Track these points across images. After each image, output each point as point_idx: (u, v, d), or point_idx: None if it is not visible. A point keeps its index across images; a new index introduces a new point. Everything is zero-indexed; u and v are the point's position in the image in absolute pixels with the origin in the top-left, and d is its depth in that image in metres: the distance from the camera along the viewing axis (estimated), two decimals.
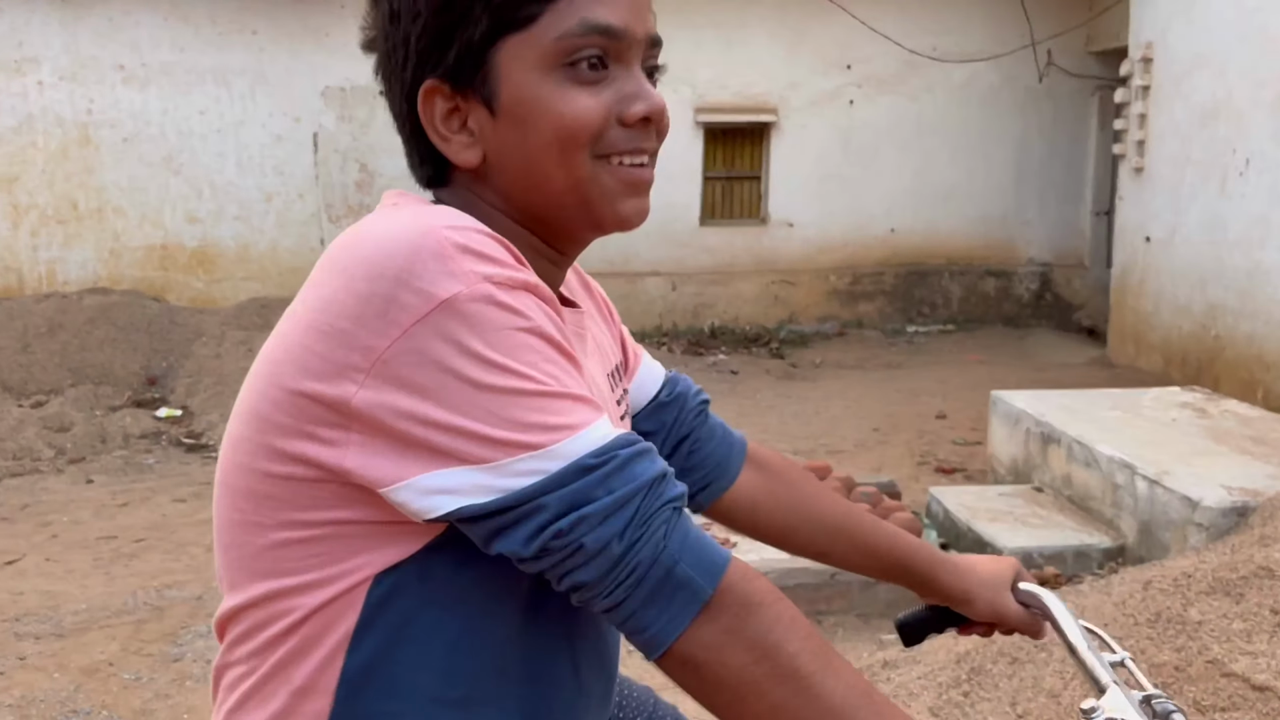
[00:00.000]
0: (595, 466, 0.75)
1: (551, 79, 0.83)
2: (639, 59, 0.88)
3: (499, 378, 0.73)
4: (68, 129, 8.71)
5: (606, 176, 0.87)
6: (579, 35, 0.83)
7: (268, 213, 9.09)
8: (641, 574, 0.76)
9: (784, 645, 0.77)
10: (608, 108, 0.85)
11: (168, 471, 6.16)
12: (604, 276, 6.67)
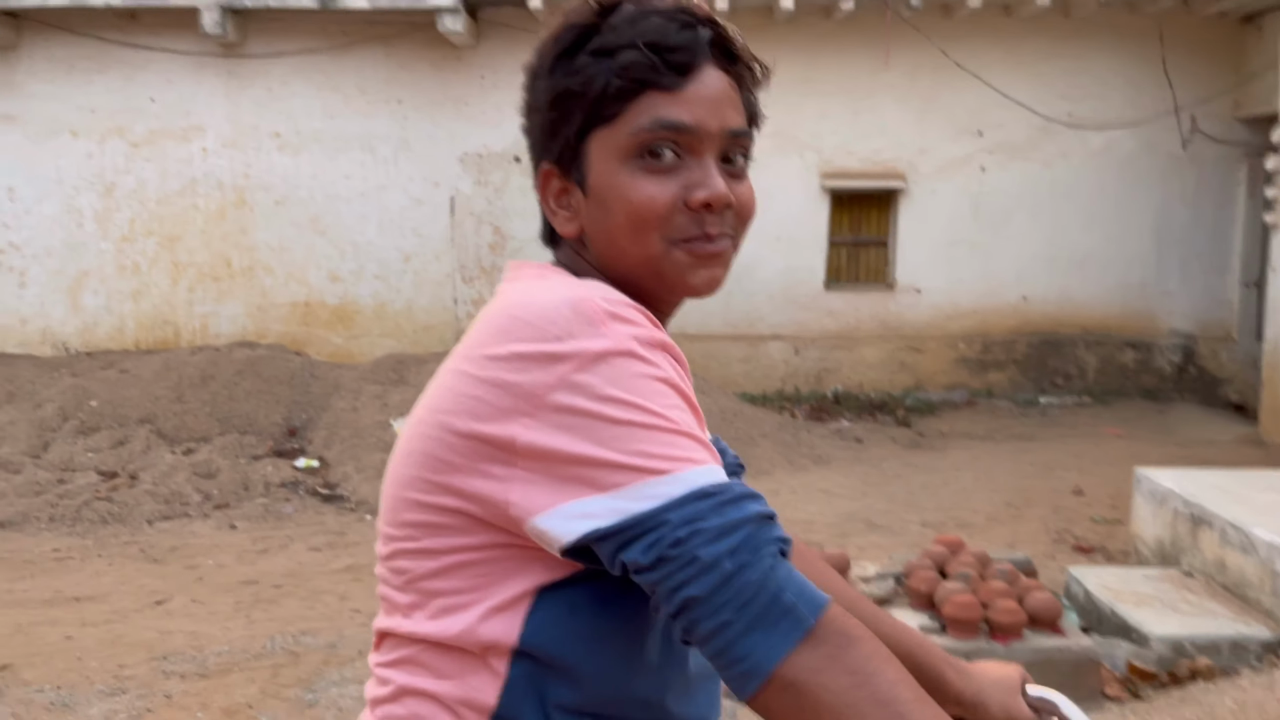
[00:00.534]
0: (712, 494, 0.84)
1: (627, 168, 0.97)
2: (713, 150, 0.98)
3: (633, 415, 0.85)
4: (226, 192, 9.27)
5: (677, 253, 0.98)
6: (650, 130, 0.95)
7: (405, 272, 9.45)
8: (749, 595, 0.83)
9: (883, 673, 0.83)
10: (674, 195, 0.97)
11: (304, 520, 6.38)
12: (726, 339, 6.79)
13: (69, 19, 8.98)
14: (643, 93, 0.96)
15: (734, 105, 1.00)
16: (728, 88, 1.00)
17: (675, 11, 0.98)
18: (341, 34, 9.17)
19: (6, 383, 8.02)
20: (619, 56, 0.95)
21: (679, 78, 0.96)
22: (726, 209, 0.99)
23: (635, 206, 0.96)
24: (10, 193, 9.23)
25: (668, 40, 0.95)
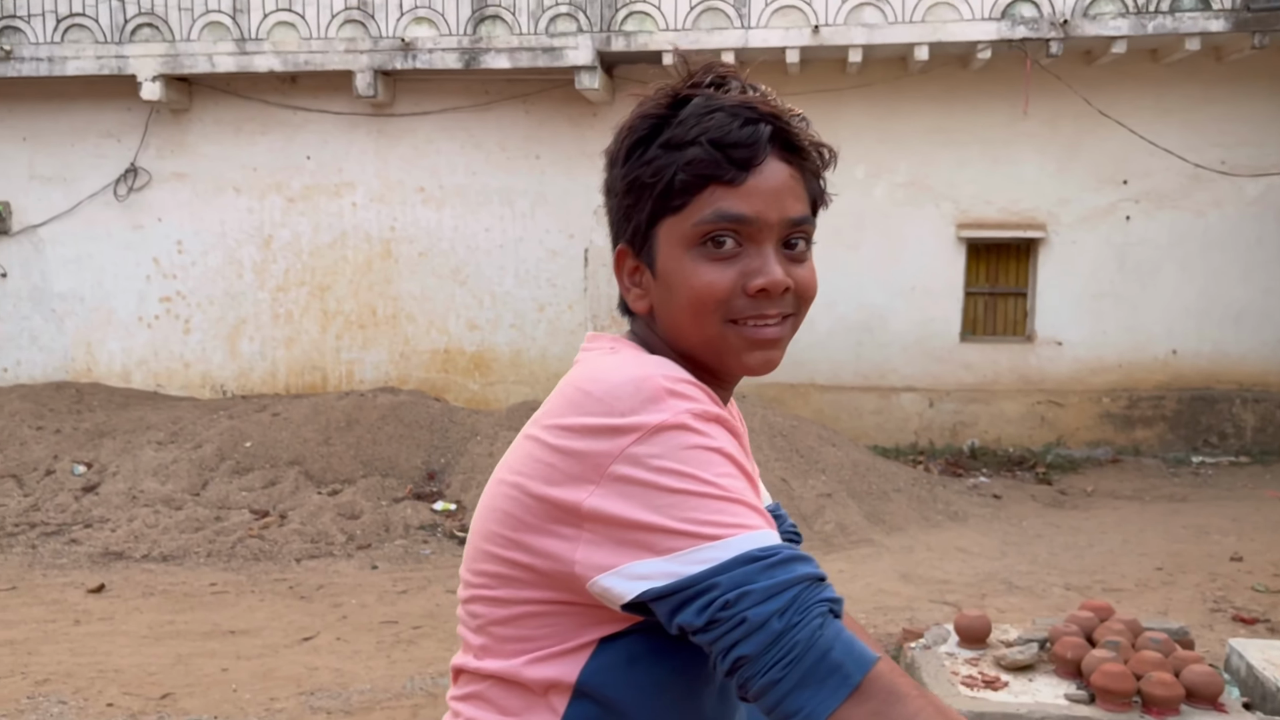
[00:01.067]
0: (761, 558, 0.91)
1: (690, 255, 1.04)
2: (772, 239, 1.04)
3: (686, 484, 0.92)
4: (373, 244, 9.72)
5: (734, 336, 1.05)
6: (712, 222, 1.02)
7: (540, 321, 9.69)
8: (799, 654, 0.89)
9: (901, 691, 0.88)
10: (733, 281, 1.03)
11: (442, 563, 6.56)
12: (857, 390, 6.68)
13: (236, 83, 9.62)
14: (706, 186, 1.02)
15: (795, 195, 1.06)
16: (789, 178, 1.05)
17: (739, 107, 1.03)
18: (484, 93, 9.55)
19: (171, 424, 8.53)
20: (686, 151, 1.02)
21: (740, 172, 1.02)
22: (785, 293, 1.05)
23: (697, 291, 1.03)
24: (179, 245, 9.88)
25: (730, 137, 1.01)
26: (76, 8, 9.32)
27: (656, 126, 1.05)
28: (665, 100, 1.06)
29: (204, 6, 9.22)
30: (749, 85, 1.09)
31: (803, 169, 1.07)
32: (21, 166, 9.97)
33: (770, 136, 1.04)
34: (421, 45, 9.06)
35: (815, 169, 1.10)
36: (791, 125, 1.06)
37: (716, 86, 1.07)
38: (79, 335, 10.04)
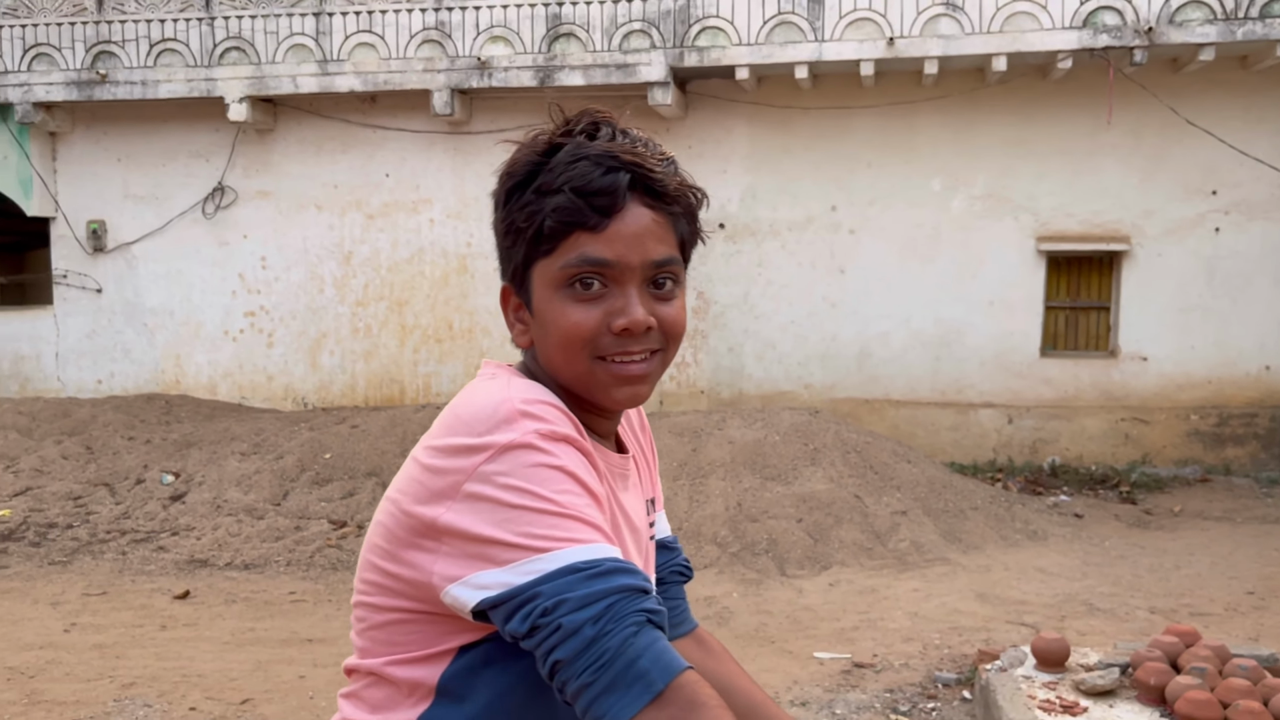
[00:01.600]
0: (583, 569, 0.96)
1: (559, 295, 1.09)
2: (635, 280, 1.09)
3: (526, 500, 0.98)
4: (449, 259, 9.88)
5: (601, 372, 1.11)
6: (576, 265, 1.08)
7: None
8: (608, 660, 0.94)
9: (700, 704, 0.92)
10: (598, 321, 1.09)
11: None
12: (933, 406, 6.58)
13: (318, 103, 9.88)
14: (572, 232, 1.07)
15: (658, 238, 1.10)
16: (651, 223, 1.09)
17: (602, 156, 1.08)
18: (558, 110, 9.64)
19: (254, 435, 8.76)
20: (553, 199, 1.07)
21: (602, 218, 1.07)
22: (648, 331, 1.10)
23: (564, 330, 1.09)
24: (263, 261, 10.17)
25: (592, 185, 1.06)
26: (169, 33, 9.67)
27: (531, 172, 1.10)
28: (541, 147, 1.11)
29: (288, 29, 9.50)
30: (621, 131, 1.13)
31: (668, 213, 1.11)
32: (116, 186, 10.36)
33: (630, 184, 1.08)
34: (497, 64, 9.20)
35: (683, 212, 1.13)
36: (654, 172, 1.10)
37: (589, 134, 1.12)
38: (168, 348, 10.38)
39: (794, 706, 4.26)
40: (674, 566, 1.37)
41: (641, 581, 0.98)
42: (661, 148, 1.14)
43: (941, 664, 4.73)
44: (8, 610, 5.80)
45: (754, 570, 6.39)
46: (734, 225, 9.58)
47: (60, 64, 9.83)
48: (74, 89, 9.83)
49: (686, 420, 8.25)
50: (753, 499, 7.06)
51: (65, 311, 10.53)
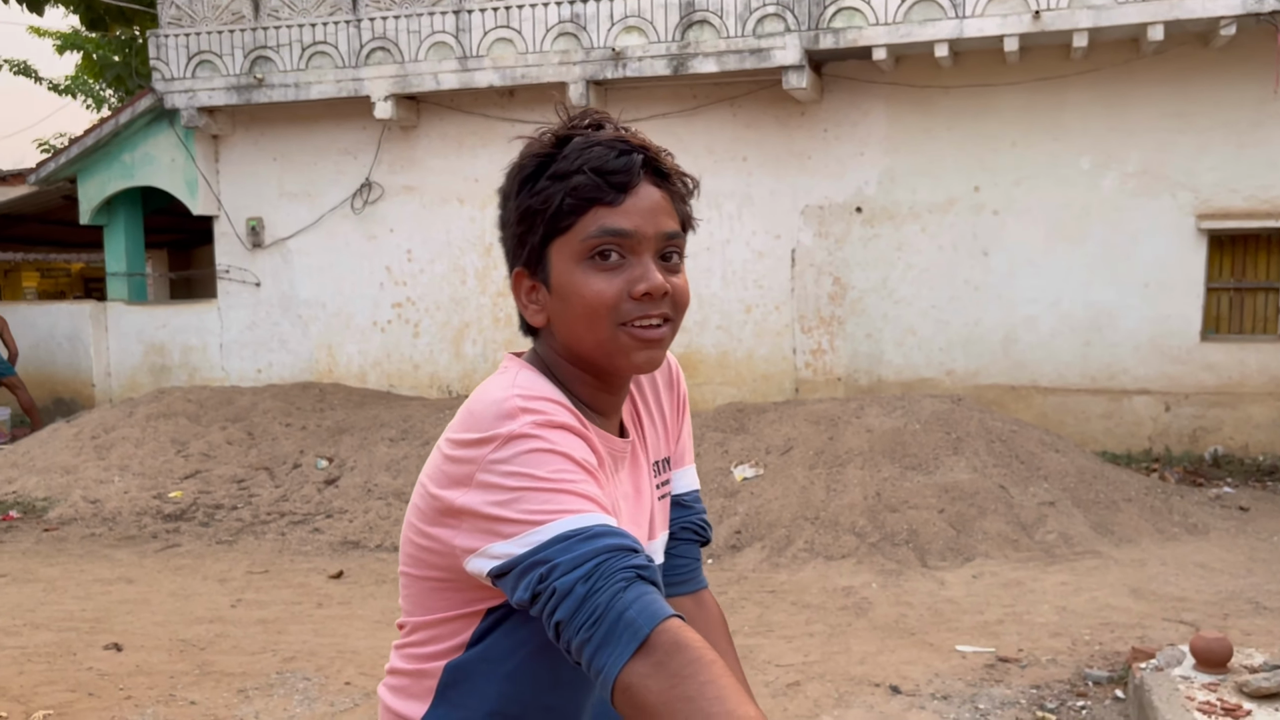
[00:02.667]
0: (573, 535, 1.06)
1: (580, 268, 1.19)
2: (650, 250, 1.20)
3: (525, 482, 1.10)
4: None
5: (624, 336, 1.21)
6: (596, 237, 1.18)
7: (746, 323, 9.71)
8: (600, 615, 1.02)
9: (697, 675, 0.97)
10: (620, 288, 1.19)
11: None
12: (1084, 393, 6.33)
13: (458, 99, 10.15)
14: (590, 208, 1.18)
15: (667, 213, 1.22)
16: (661, 199, 1.21)
17: (615, 141, 1.20)
18: (692, 97, 9.66)
19: (401, 421, 9.10)
20: (571, 180, 1.18)
21: (619, 194, 1.18)
22: (664, 296, 1.21)
23: (588, 299, 1.19)
24: (408, 254, 10.53)
25: (608, 165, 1.18)
26: (319, 36, 10.09)
27: (543, 163, 1.21)
28: (550, 141, 1.22)
29: (430, 28, 9.78)
30: (620, 126, 1.25)
31: (671, 193, 1.24)
32: (272, 184, 10.90)
33: (642, 164, 1.20)
34: (631, 54, 9.26)
35: (681, 194, 1.26)
36: (660, 156, 1.23)
37: (594, 128, 1.23)
38: (321, 339, 10.87)
39: (935, 700, 4.18)
40: (686, 523, 1.46)
41: (629, 541, 1.07)
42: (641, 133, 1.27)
43: (1092, 661, 4.56)
44: (180, 585, 6.20)
45: (893, 561, 6.29)
46: (871, 209, 9.40)
47: (221, 70, 10.38)
48: (233, 93, 10.37)
49: (823, 408, 8.16)
50: (892, 489, 6.93)
51: (228, 304, 11.14)
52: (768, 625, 5.31)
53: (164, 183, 11.04)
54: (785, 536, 6.67)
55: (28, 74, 18.35)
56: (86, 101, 19.47)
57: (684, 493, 1.47)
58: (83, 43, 16.49)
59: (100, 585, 6.20)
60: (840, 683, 4.46)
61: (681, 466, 1.47)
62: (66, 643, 5.11)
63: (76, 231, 13.10)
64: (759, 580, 6.14)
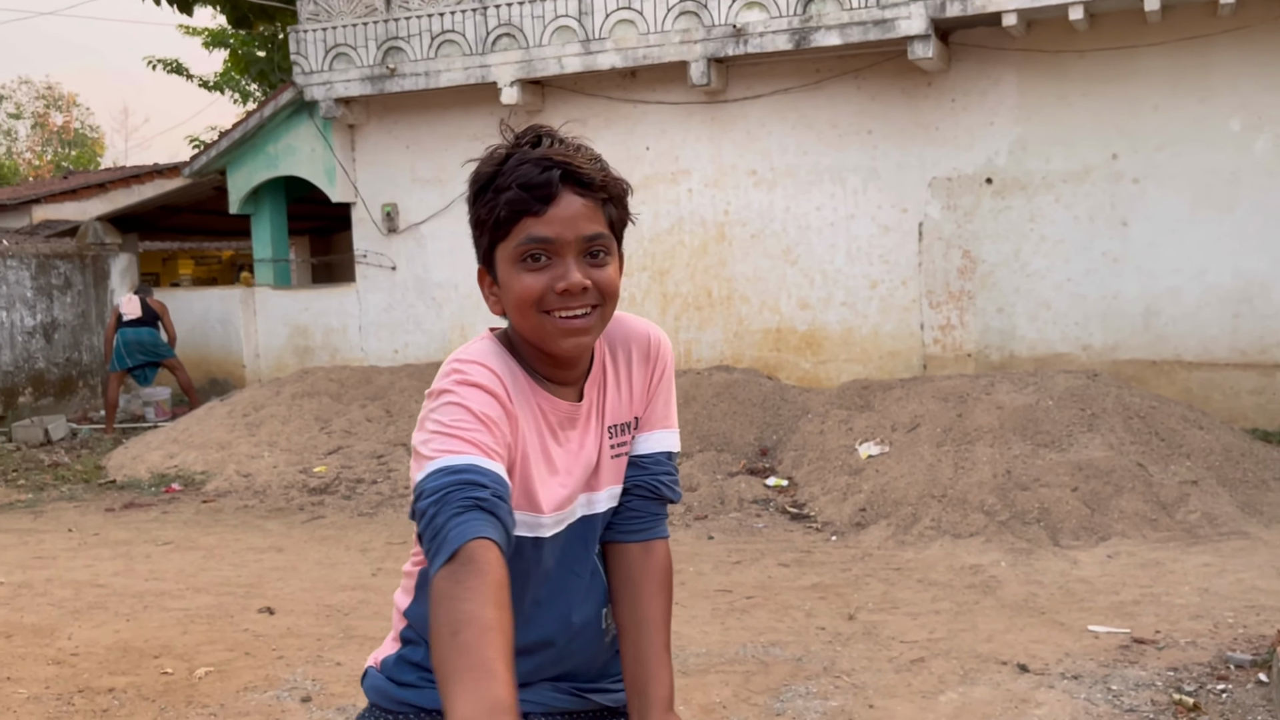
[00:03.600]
0: (443, 471, 1.31)
1: (515, 268, 1.42)
2: (572, 252, 1.41)
3: (435, 428, 1.36)
4: (708, 228, 10.06)
5: (549, 324, 1.43)
6: (524, 244, 1.41)
7: (871, 299, 9.58)
8: (435, 532, 1.26)
9: (464, 582, 1.21)
10: (545, 284, 1.41)
11: (774, 536, 6.73)
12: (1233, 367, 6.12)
13: (581, 82, 10.29)
14: (521, 219, 1.40)
15: (588, 218, 1.42)
16: (583, 207, 1.41)
17: (540, 159, 1.40)
18: (814, 71, 9.56)
19: None
20: (506, 195, 1.40)
21: (543, 205, 1.39)
22: (583, 292, 1.41)
23: (518, 294, 1.43)
24: None
25: (533, 180, 1.39)
26: (448, 25, 10.38)
27: (490, 178, 1.43)
28: (498, 158, 1.44)
29: (553, 12, 9.94)
30: (558, 140, 1.44)
31: (595, 199, 1.43)
32: (405, 171, 11.28)
33: (562, 178, 1.40)
34: (752, 30, 9.22)
35: (610, 198, 1.45)
36: (582, 168, 1.41)
37: (532, 145, 1.43)
38: (454, 319, 11.22)
39: (1065, 679, 4.11)
40: (639, 481, 1.62)
41: (481, 478, 1.30)
42: (592, 151, 1.46)
43: (1235, 644, 4.39)
44: (325, 555, 6.55)
45: (1024, 540, 6.16)
46: (1002, 180, 9.13)
47: (356, 62, 10.79)
48: (368, 84, 10.76)
49: (951, 384, 8.02)
50: (1023, 466, 6.78)
51: (366, 288, 11.61)
52: (892, 602, 5.28)
53: (305, 172, 11.56)
54: (911, 514, 6.60)
55: (180, 71, 19.41)
56: (234, 96, 20.48)
57: (643, 454, 1.62)
58: (229, 40, 17.33)
59: (253, 553, 6.60)
60: (966, 660, 4.42)
61: (649, 430, 1.63)
62: (224, 606, 5.48)
63: (226, 220, 13.83)
64: (884, 558, 6.10)
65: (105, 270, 13.48)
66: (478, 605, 1.18)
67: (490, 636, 1.16)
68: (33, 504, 8.55)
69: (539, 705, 1.57)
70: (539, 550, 1.51)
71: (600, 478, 1.57)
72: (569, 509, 1.54)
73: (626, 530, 1.61)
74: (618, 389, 1.60)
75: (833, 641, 4.74)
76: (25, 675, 4.55)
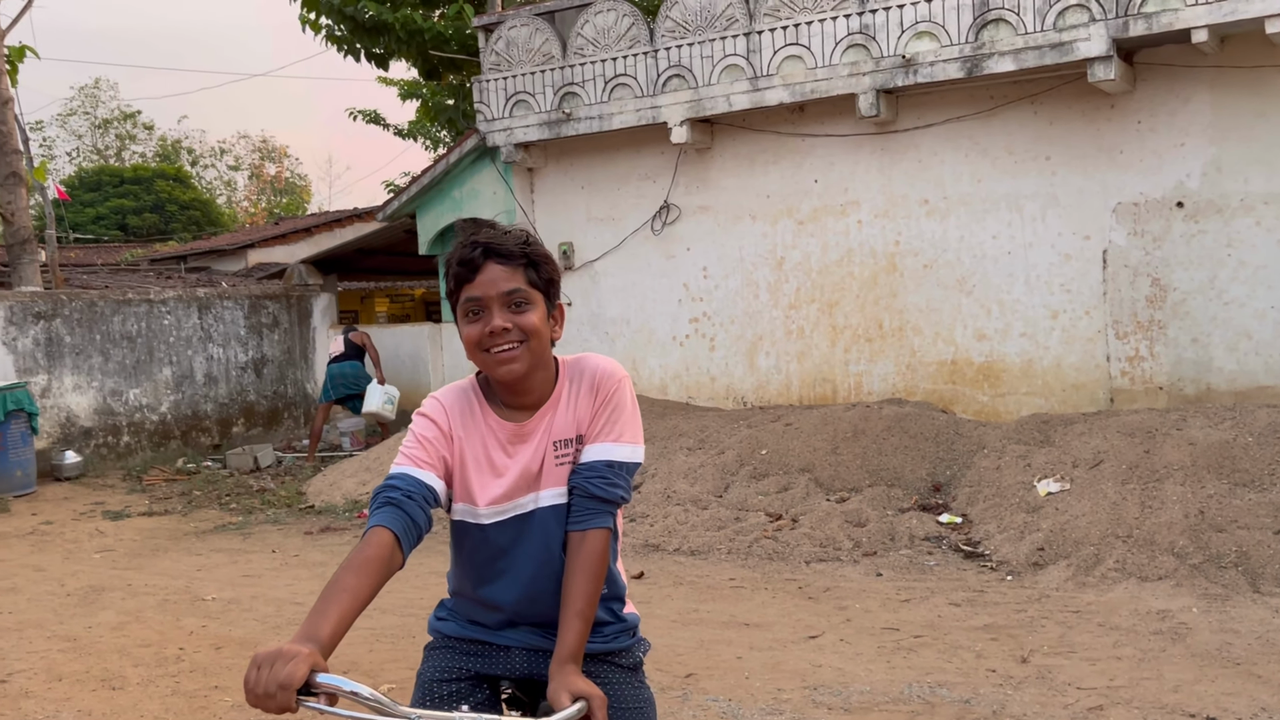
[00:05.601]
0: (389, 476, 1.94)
1: (463, 321, 1.97)
2: (498, 305, 1.93)
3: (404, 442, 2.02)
4: (878, 259, 9.95)
5: (488, 359, 1.95)
6: (464, 303, 1.96)
7: (1053, 329, 9.23)
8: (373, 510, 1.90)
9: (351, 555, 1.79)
10: (480, 330, 1.94)
11: (946, 574, 6.56)
12: None
13: (750, 118, 10.41)
14: (462, 285, 1.95)
15: (507, 279, 1.94)
16: (502, 272, 1.93)
17: (469, 241, 1.95)
18: (988, 98, 9.34)
19: (699, 431, 9.45)
20: (452, 270, 1.97)
21: (473, 273, 1.94)
22: (506, 332, 1.92)
23: (465, 338, 1.97)
24: (704, 271, 10.91)
25: (465, 258, 1.95)
26: (620, 69, 10.72)
27: (448, 260, 1.98)
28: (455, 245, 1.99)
29: (722, 52, 10.12)
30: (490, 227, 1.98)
31: (514, 264, 1.94)
32: (580, 211, 11.67)
33: (484, 253, 1.93)
34: (922, 59, 9.11)
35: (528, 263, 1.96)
36: (501, 244, 1.94)
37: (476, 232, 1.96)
38: (626, 353, 11.49)
39: None
40: (575, 483, 2.01)
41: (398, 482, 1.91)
42: (521, 233, 1.99)
43: None
44: None
45: (1218, 585, 5.79)
46: (1194, 203, 8.65)
47: (534, 108, 11.28)
48: (545, 128, 11.23)
49: (1138, 419, 7.64)
50: (1218, 506, 6.38)
51: None
52: (1070, 646, 5.08)
53: (487, 214, 12.12)
54: (1094, 555, 6.31)
55: (377, 121, 20.73)
56: (425, 143, 21.70)
57: (583, 462, 2.02)
58: (421, 90, 18.41)
59: (435, 576, 6.95)
60: (1149, 710, 4.22)
61: (591, 443, 2.03)
62: (406, 626, 5.80)
63: (417, 261, 14.65)
64: (1062, 599, 5.87)
65: (308, 309, 14.50)
66: (344, 571, 1.74)
67: (337, 595, 1.68)
68: (242, 526, 9.28)
69: (518, 641, 2.07)
70: (484, 532, 2.02)
71: (544, 480, 2.03)
72: (510, 503, 2.01)
73: (571, 521, 2.01)
74: (567, 411, 2.05)
75: (1003, 684, 4.60)
76: (232, 685, 4.97)
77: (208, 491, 10.73)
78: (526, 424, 2.01)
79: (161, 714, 4.71)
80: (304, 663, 1.49)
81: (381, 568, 1.76)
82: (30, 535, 9.09)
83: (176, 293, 13.37)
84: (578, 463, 2.03)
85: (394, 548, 1.80)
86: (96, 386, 12.25)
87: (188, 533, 9.09)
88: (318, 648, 1.57)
